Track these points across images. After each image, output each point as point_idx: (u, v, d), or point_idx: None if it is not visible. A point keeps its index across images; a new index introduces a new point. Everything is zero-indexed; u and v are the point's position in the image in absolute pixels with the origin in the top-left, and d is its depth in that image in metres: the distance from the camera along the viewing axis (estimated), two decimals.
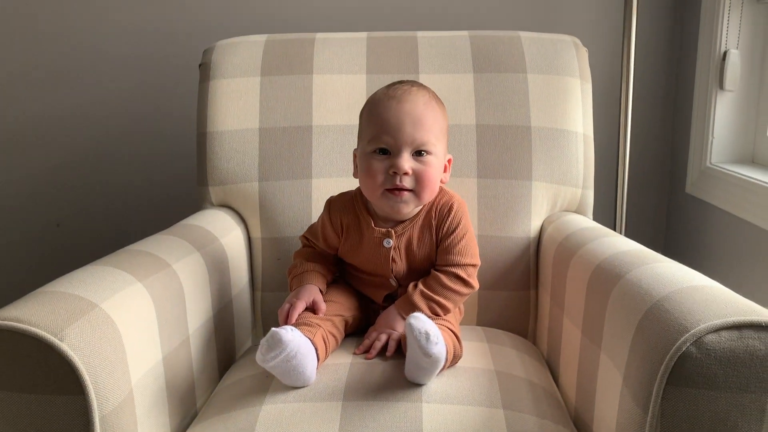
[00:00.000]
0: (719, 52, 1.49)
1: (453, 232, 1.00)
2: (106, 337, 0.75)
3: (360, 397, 0.86)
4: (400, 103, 0.95)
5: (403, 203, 0.96)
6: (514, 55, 1.29)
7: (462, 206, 1.02)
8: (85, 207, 1.76)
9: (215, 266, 1.10)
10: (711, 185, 1.53)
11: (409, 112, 0.94)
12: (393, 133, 0.94)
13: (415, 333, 0.82)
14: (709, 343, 0.67)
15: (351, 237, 1.03)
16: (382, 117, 0.95)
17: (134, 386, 0.79)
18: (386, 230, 1.00)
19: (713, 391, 0.67)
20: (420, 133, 0.94)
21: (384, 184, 0.95)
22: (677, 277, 0.80)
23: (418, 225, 1.01)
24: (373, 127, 0.96)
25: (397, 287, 1.04)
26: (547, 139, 1.25)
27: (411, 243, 1.01)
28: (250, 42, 1.33)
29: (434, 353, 0.83)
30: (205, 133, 1.27)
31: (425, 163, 0.96)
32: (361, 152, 0.99)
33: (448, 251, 1.00)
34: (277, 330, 0.84)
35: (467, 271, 1.00)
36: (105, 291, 0.80)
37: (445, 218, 1.00)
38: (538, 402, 0.91)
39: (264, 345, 0.84)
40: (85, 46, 1.68)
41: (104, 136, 1.73)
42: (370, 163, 0.96)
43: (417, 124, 0.94)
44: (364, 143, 0.98)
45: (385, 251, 1.01)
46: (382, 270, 1.02)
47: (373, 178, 0.95)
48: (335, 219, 1.04)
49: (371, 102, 1.00)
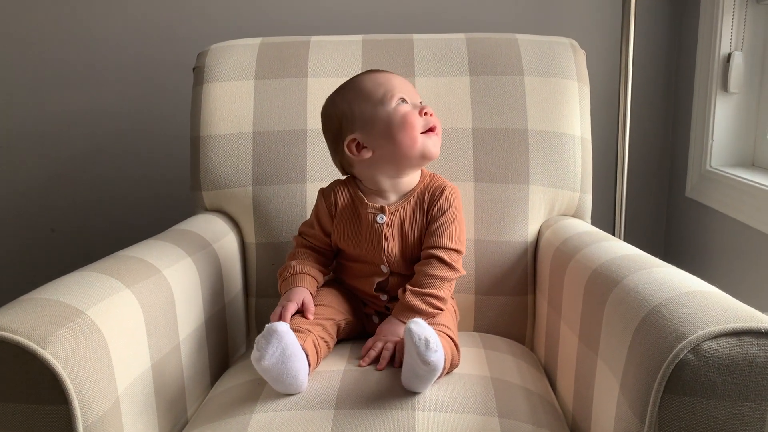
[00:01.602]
0: (720, 53, 1.48)
1: (443, 215, 1.01)
2: (91, 345, 0.74)
3: (352, 405, 0.85)
4: (386, 74, 1.03)
5: (439, 143, 1.03)
6: (511, 57, 1.27)
7: (455, 192, 1.04)
8: (80, 212, 1.75)
9: (207, 272, 1.08)
10: (711, 188, 1.51)
11: (398, 77, 1.04)
12: (403, 88, 1.02)
13: (414, 339, 0.80)
14: (708, 350, 0.65)
15: (345, 217, 1.04)
16: (385, 80, 1.02)
17: (121, 394, 0.78)
18: (380, 206, 1.02)
19: (712, 399, 0.65)
20: (415, 90, 1.04)
21: (422, 126, 1.00)
22: (675, 283, 0.78)
23: (411, 204, 1.03)
24: (381, 89, 1.01)
25: (388, 275, 1.03)
26: (544, 143, 1.23)
27: (404, 222, 1.02)
28: (245, 45, 1.31)
29: (433, 361, 0.81)
30: (199, 136, 1.26)
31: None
32: (374, 114, 1.00)
33: (436, 233, 1.00)
34: (272, 324, 0.84)
35: (451, 255, 1.00)
36: (91, 298, 0.79)
37: (437, 199, 1.02)
38: (534, 410, 0.89)
39: (261, 340, 0.83)
40: (79, 51, 1.67)
41: (99, 140, 1.72)
42: (401, 112, 1.00)
43: (410, 84, 1.05)
44: (375, 105, 1.00)
45: (378, 228, 1.01)
46: (374, 251, 1.02)
47: (411, 121, 0.99)
48: (329, 199, 1.05)
49: (357, 84, 1.03)
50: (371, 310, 1.07)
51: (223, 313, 1.14)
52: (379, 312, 1.07)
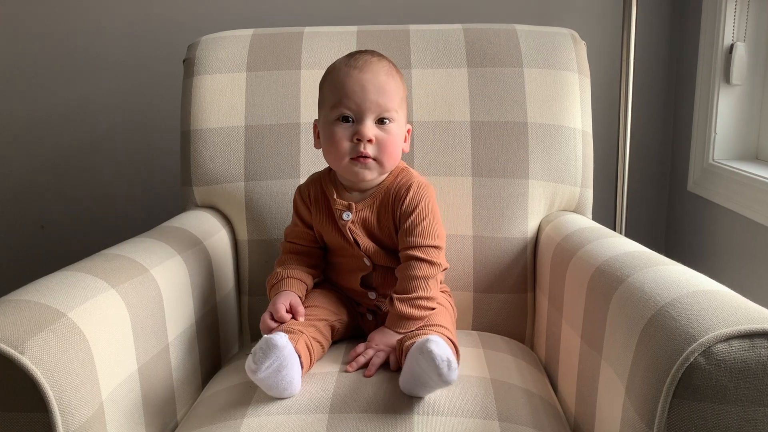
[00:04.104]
0: (722, 45, 1.45)
1: (412, 213, 0.96)
2: (73, 349, 0.70)
3: (347, 410, 0.82)
4: (362, 71, 0.94)
5: (367, 170, 0.95)
6: (510, 48, 1.24)
7: (423, 188, 0.98)
8: (70, 208, 1.72)
9: (198, 270, 1.05)
10: (713, 183, 1.49)
11: (371, 80, 0.94)
12: (356, 100, 0.93)
13: (437, 361, 0.76)
14: (719, 353, 0.62)
15: (318, 210, 1.02)
16: (345, 85, 0.94)
17: (105, 400, 0.74)
18: (348, 204, 0.98)
19: (723, 405, 0.62)
20: (383, 99, 0.94)
21: (349, 152, 0.94)
22: (682, 281, 0.75)
23: (377, 203, 0.99)
24: (336, 94, 0.95)
25: (371, 268, 1.00)
26: (544, 136, 1.20)
27: (370, 220, 0.99)
28: (236, 37, 1.28)
29: (453, 380, 0.78)
30: (189, 130, 1.23)
31: (388, 132, 0.95)
32: (323, 121, 0.97)
33: (409, 232, 0.96)
34: (271, 336, 0.80)
35: (429, 252, 0.95)
36: (74, 299, 0.76)
37: (402, 199, 0.97)
38: (535, 413, 0.86)
39: (258, 352, 0.79)
40: (68, 45, 1.63)
41: (89, 135, 1.69)
42: (334, 131, 0.94)
43: (380, 91, 0.94)
44: (327, 111, 0.96)
45: (343, 225, 0.98)
46: (350, 245, 0.99)
47: (337, 146, 0.94)
48: (305, 193, 1.03)
49: (332, 71, 0.98)
50: (364, 309, 1.04)
51: (214, 312, 1.11)
52: (371, 309, 1.04)
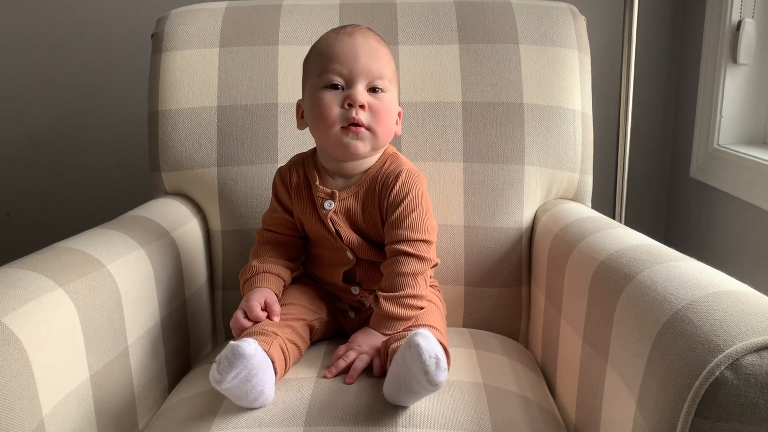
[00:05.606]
0: (729, 21, 1.37)
1: (401, 203, 0.87)
2: (6, 360, 0.62)
3: (324, 421, 0.73)
4: (352, 36, 0.87)
5: (359, 140, 0.86)
6: (505, 24, 1.16)
7: (413, 176, 0.89)
8: (36, 196, 1.65)
9: (164, 264, 0.96)
10: (719, 168, 1.42)
11: (363, 44, 0.86)
12: (347, 63, 0.85)
13: (424, 357, 0.67)
14: (749, 366, 0.54)
15: (299, 195, 0.93)
16: (334, 49, 0.86)
17: (47, 416, 0.66)
18: (331, 192, 0.90)
19: (754, 425, 0.54)
20: (375, 65, 0.86)
21: (339, 119, 0.85)
22: (700, 280, 0.67)
23: (363, 191, 0.90)
24: (325, 60, 0.86)
25: (355, 263, 0.92)
26: (541, 118, 1.12)
27: (354, 210, 0.90)
28: (208, 10, 1.19)
29: (441, 381, 0.69)
30: (157, 111, 1.14)
31: (381, 100, 0.87)
32: (309, 90, 0.88)
33: (397, 225, 0.87)
34: (238, 343, 0.71)
35: (418, 247, 0.86)
36: (11, 301, 0.66)
37: (390, 186, 0.88)
38: (533, 423, 0.78)
39: (223, 362, 0.70)
40: (27, 23, 1.54)
41: (54, 118, 1.61)
42: (321, 97, 0.86)
43: (372, 55, 0.86)
44: (314, 79, 0.87)
45: (325, 214, 0.90)
46: (331, 237, 0.91)
47: (326, 113, 0.85)
48: (285, 176, 0.95)
49: (318, 44, 0.91)
50: (346, 305, 0.95)
51: (183, 309, 1.02)
52: (354, 306, 0.95)
